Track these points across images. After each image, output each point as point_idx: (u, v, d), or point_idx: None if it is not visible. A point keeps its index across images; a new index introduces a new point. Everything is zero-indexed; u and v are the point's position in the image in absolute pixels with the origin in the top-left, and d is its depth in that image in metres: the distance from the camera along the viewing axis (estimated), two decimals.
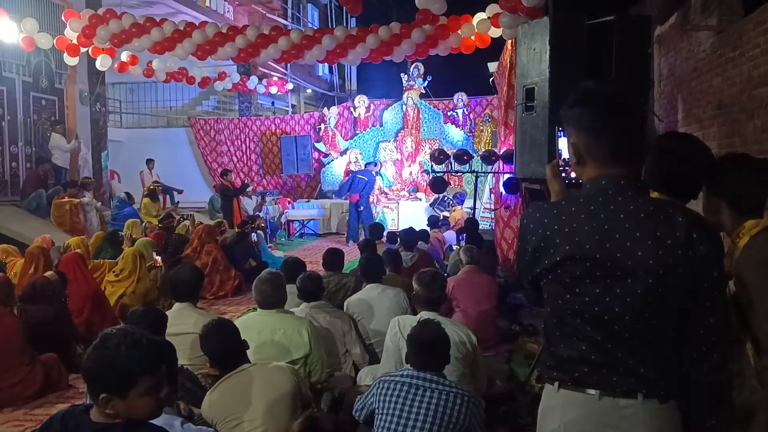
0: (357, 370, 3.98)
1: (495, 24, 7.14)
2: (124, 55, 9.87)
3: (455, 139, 13.91)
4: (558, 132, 3.68)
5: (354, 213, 11.69)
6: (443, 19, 7.65)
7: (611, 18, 4.66)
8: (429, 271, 3.60)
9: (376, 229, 7.52)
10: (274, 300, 3.57)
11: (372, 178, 12.05)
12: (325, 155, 14.76)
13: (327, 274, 4.95)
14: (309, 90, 19.20)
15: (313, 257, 9.06)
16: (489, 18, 7.26)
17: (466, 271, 5.23)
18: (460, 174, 11.96)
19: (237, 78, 13.10)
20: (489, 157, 7.88)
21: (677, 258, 1.45)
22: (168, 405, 2.23)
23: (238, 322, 3.28)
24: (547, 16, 5.08)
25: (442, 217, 10.44)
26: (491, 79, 9.78)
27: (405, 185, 14.15)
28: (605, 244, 1.49)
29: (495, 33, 7.33)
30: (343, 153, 14.56)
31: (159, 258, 6.70)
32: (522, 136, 5.00)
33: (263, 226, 10.73)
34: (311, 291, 4.04)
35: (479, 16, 7.42)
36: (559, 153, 3.56)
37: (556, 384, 1.59)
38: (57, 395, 4.29)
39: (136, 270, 6.15)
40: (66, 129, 11.07)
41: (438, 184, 8.65)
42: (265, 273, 3.66)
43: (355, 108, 15.04)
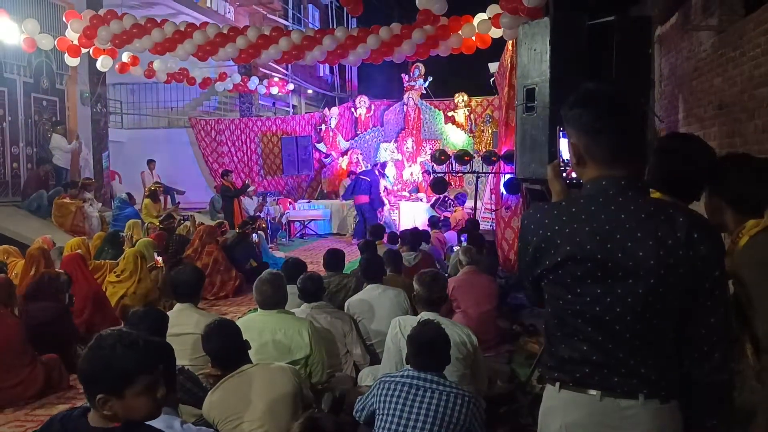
0: (358, 370, 3.97)
1: (496, 24, 7.15)
2: (125, 56, 9.88)
3: (456, 140, 13.91)
4: (559, 132, 3.68)
5: (361, 215, 11.46)
6: (444, 20, 7.66)
7: (612, 18, 4.65)
8: (429, 272, 3.60)
9: (376, 230, 7.52)
10: (274, 300, 3.57)
11: (375, 178, 11.96)
12: (326, 155, 14.77)
13: (328, 274, 4.95)
14: (310, 90, 19.18)
15: (314, 258, 9.05)
16: (490, 18, 7.26)
17: (465, 272, 5.23)
18: (460, 174, 11.96)
19: (238, 79, 13.13)
20: (490, 158, 7.88)
21: (678, 258, 1.45)
22: (167, 405, 2.23)
23: (239, 322, 3.28)
24: (548, 16, 5.09)
25: (442, 218, 10.43)
26: (492, 80, 9.80)
27: (406, 186, 14.15)
28: (606, 244, 1.49)
29: (496, 33, 7.34)
30: (344, 153, 14.56)
31: (160, 258, 6.69)
32: (522, 136, 4.99)
33: (264, 226, 10.73)
34: (312, 291, 4.04)
35: (480, 16, 7.42)
36: (560, 154, 3.56)
37: (557, 384, 1.59)
38: (58, 396, 4.29)
39: (137, 270, 6.16)
40: (67, 130, 11.07)
41: (439, 184, 8.66)
42: (266, 273, 3.66)
43: (356, 108, 15.06)
